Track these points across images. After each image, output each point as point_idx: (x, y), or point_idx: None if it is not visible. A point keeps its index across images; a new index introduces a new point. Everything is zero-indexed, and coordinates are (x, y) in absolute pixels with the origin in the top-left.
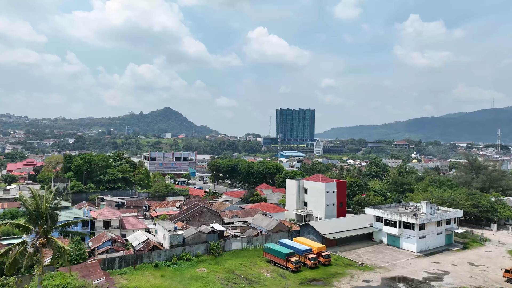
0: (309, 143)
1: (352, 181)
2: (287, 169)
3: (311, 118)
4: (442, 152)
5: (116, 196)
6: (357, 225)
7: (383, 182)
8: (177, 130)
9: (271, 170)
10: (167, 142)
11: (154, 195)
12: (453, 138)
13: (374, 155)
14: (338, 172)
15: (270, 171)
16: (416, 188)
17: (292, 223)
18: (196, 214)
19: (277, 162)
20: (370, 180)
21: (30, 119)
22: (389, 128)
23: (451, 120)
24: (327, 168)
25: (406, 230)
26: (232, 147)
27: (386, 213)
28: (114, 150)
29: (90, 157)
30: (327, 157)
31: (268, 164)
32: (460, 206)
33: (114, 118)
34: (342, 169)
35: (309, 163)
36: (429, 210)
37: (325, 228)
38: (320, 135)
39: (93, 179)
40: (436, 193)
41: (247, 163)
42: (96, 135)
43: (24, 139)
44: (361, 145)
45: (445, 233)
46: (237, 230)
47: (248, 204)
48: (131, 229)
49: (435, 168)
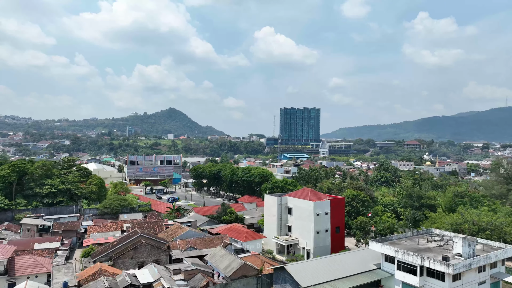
0: (314, 144)
1: (354, 195)
2: (277, 177)
3: (316, 118)
4: (456, 152)
5: (55, 214)
6: (357, 267)
7: (393, 191)
8: (181, 131)
9: (256, 179)
10: (166, 144)
11: (104, 212)
12: (465, 137)
13: (383, 156)
14: (340, 179)
15: (255, 179)
16: (438, 204)
17: (267, 260)
18: (130, 248)
19: (265, 169)
20: (378, 188)
21: (33, 120)
22: (398, 127)
23: (462, 119)
24: (328, 174)
25: (431, 280)
26: (233, 149)
27: (401, 252)
28: (110, 152)
29: (23, 164)
30: (332, 159)
31: (254, 171)
32: (506, 235)
33: (118, 119)
34: (345, 174)
35: (307, 168)
36: (467, 249)
37: (308, 275)
38: (328, 135)
39: (24, 192)
40: (470, 215)
41: (230, 169)
42: (96, 136)
43: (21, 141)
44: (369, 146)
45: (489, 281)
46: (180, 275)
47: (218, 226)
48: (24, 274)
49: (452, 172)
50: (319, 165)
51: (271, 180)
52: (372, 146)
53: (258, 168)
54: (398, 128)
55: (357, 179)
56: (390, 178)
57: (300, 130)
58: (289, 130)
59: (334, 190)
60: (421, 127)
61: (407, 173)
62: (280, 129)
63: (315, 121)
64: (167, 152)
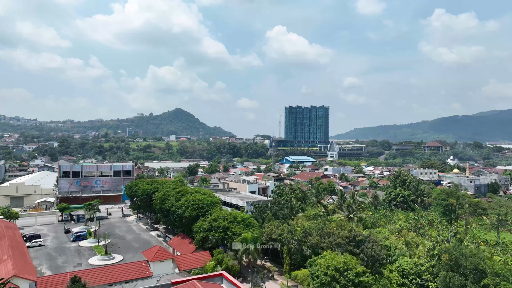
0: (322, 146)
1: (337, 271)
2: (241, 202)
3: (325, 117)
4: (485, 156)
5: None
6: None
7: (419, 240)
8: (187, 132)
9: (187, 213)
10: (160, 146)
11: None
12: (487, 138)
13: (399, 160)
14: (336, 203)
15: (186, 213)
16: None
17: None
18: None
19: (207, 195)
20: (393, 212)
21: (38, 122)
22: (416, 127)
23: (483, 119)
24: (321, 194)
25: None
26: (233, 151)
27: None
28: (98, 155)
29: None
30: (340, 163)
31: (186, 198)
32: None
33: (123, 120)
34: (343, 197)
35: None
36: None
37: None
38: (343, 136)
39: None
40: None
41: (163, 191)
42: (92, 138)
43: (14, 143)
44: (384, 148)
45: None
46: None
47: None
48: None
49: (491, 184)
50: (321, 174)
51: (212, 215)
52: (388, 148)
53: (200, 190)
54: (415, 128)
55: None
56: (410, 197)
57: (307, 131)
58: (295, 130)
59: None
60: (439, 127)
61: (432, 188)
62: (285, 129)
63: (323, 121)
64: (161, 155)
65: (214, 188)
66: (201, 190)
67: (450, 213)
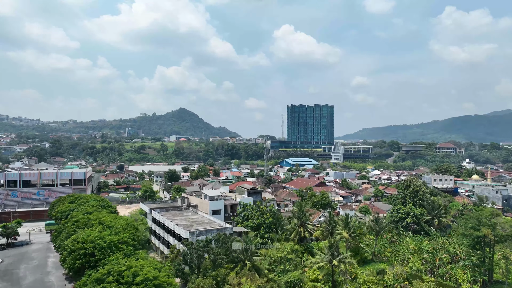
0: (326, 147)
1: None
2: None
3: (329, 116)
4: (504, 158)
5: None
6: None
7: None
8: (190, 132)
9: (66, 263)
10: (156, 147)
11: None
12: (501, 138)
13: (409, 162)
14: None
15: (65, 264)
16: None
17: None
18: None
19: (124, 226)
20: (400, 239)
21: (40, 122)
22: (426, 127)
23: (497, 118)
24: (305, 215)
25: None
26: (231, 152)
27: None
28: (90, 157)
29: None
30: (345, 166)
31: (86, 234)
32: None
33: (126, 120)
34: (332, 221)
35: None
36: None
37: None
38: (351, 136)
39: None
40: None
41: (78, 214)
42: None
43: (7, 144)
44: (392, 149)
45: None
46: None
47: None
48: None
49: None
50: (317, 182)
51: (105, 267)
52: (397, 150)
53: (100, 225)
54: (426, 128)
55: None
56: (423, 215)
57: (311, 131)
58: (298, 130)
59: None
60: (451, 127)
61: (449, 200)
62: (287, 129)
63: (328, 120)
64: (155, 157)
65: (166, 205)
66: (110, 219)
67: (482, 246)
